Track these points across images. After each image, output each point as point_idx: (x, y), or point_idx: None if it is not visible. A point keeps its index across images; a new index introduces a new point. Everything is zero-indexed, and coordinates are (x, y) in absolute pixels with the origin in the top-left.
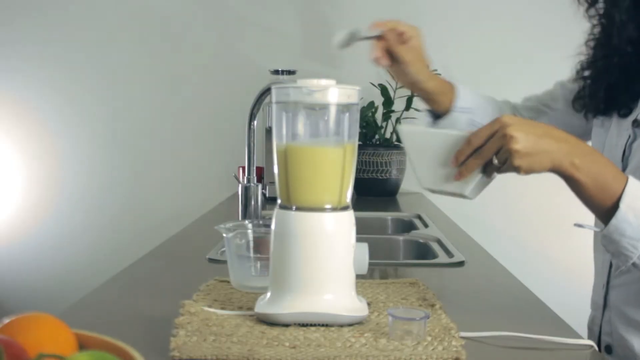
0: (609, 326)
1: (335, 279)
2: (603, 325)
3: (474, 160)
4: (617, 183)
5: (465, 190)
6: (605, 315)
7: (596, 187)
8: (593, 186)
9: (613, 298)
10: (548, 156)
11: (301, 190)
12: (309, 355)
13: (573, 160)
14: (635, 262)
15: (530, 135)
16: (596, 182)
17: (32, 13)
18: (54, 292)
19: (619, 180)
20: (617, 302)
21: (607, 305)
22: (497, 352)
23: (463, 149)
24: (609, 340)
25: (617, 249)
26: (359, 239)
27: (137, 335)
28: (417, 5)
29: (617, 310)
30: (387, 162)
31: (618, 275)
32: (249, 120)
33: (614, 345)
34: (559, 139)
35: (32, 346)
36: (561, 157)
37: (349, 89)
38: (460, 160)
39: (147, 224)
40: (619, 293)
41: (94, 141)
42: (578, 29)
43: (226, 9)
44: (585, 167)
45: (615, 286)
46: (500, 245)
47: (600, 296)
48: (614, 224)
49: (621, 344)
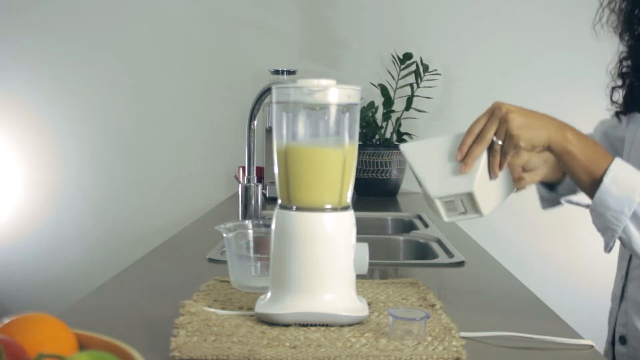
0: (624, 317)
1: (335, 279)
2: (619, 316)
3: (476, 146)
4: (605, 158)
5: (473, 183)
6: (622, 306)
7: (587, 160)
8: (584, 159)
9: (630, 290)
10: (543, 129)
11: (301, 190)
12: (309, 355)
13: (565, 133)
14: (621, 236)
15: (524, 111)
16: (587, 156)
17: (32, 13)
18: (54, 292)
19: (607, 156)
20: (634, 294)
21: (624, 297)
22: (497, 352)
23: (465, 139)
24: (623, 331)
25: (604, 223)
26: (359, 239)
27: (137, 335)
28: (416, 5)
29: (633, 301)
30: (387, 162)
31: (636, 267)
32: (249, 120)
33: (628, 336)
34: (549, 117)
35: (32, 346)
36: (555, 130)
37: (349, 89)
38: (464, 151)
39: (147, 224)
40: (636, 285)
41: (94, 141)
42: (579, 30)
43: (226, 9)
44: (576, 141)
45: (633, 278)
46: (500, 245)
47: (619, 288)
48: (598, 196)
49: (635, 335)
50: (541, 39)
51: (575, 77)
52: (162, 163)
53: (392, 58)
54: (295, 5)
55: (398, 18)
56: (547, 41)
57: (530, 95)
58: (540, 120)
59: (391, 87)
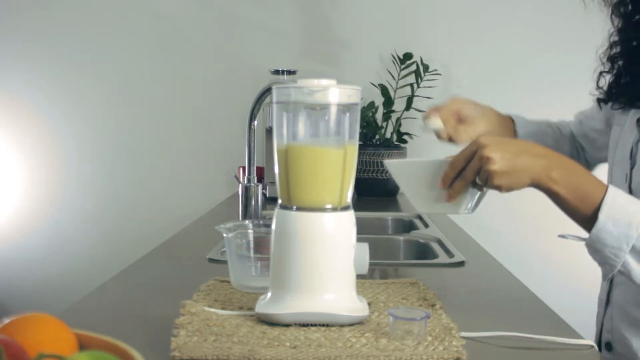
0: (610, 323)
1: (335, 279)
2: (605, 321)
3: (459, 183)
4: (596, 193)
5: (460, 209)
6: (607, 312)
7: (576, 199)
8: (573, 198)
9: (616, 295)
10: (526, 173)
11: (302, 190)
12: (309, 355)
13: (550, 174)
14: (620, 269)
15: (506, 154)
16: (575, 194)
17: (32, 13)
18: (54, 292)
19: (598, 191)
20: (619, 300)
21: (609, 302)
22: (497, 352)
23: (447, 173)
24: (609, 337)
25: (602, 258)
26: (359, 239)
27: (137, 335)
28: (417, 5)
29: (619, 307)
30: None
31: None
32: (249, 121)
33: (614, 343)
34: (535, 155)
35: (32, 346)
36: (539, 172)
37: (350, 89)
38: (447, 183)
39: (147, 224)
40: (621, 291)
41: (94, 141)
42: (579, 30)
43: (226, 9)
44: (563, 180)
45: (618, 284)
46: (500, 245)
47: (604, 292)
48: (595, 234)
49: (621, 342)
50: (541, 39)
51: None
52: (162, 163)
53: (392, 58)
54: (296, 5)
55: (398, 18)
56: (547, 41)
57: (530, 95)
58: (523, 162)
59: (391, 87)
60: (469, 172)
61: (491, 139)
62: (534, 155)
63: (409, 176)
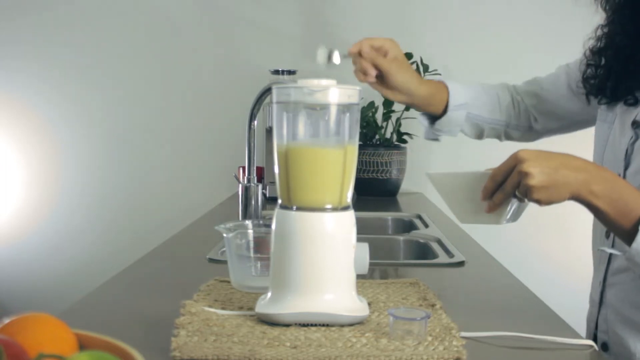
0: (605, 324)
1: (335, 279)
2: (599, 322)
3: (498, 195)
4: (637, 207)
5: (500, 219)
6: (601, 312)
7: (616, 213)
8: (613, 212)
9: (609, 296)
10: (566, 187)
11: (302, 190)
12: (310, 355)
13: (591, 188)
14: None
15: (545, 169)
16: (616, 208)
17: (32, 13)
18: (54, 292)
19: (638, 204)
20: (613, 300)
21: (603, 303)
22: (497, 352)
23: (487, 186)
24: (605, 337)
25: None
26: (359, 239)
27: (137, 335)
28: (417, 5)
29: (613, 308)
30: (388, 162)
31: (615, 274)
32: (249, 120)
33: (610, 343)
34: (575, 169)
35: (32, 346)
36: (579, 186)
37: (350, 89)
38: (487, 196)
39: (147, 224)
40: (615, 291)
41: (94, 141)
42: (579, 31)
43: (226, 9)
44: (604, 194)
45: (612, 284)
46: (500, 245)
47: (597, 293)
48: (635, 247)
49: (617, 342)
50: (541, 40)
51: None
52: (162, 163)
53: None
54: (296, 5)
55: (398, 18)
56: (547, 41)
57: None
58: (562, 176)
59: None
60: (509, 186)
61: (531, 153)
62: (573, 169)
63: (450, 188)
